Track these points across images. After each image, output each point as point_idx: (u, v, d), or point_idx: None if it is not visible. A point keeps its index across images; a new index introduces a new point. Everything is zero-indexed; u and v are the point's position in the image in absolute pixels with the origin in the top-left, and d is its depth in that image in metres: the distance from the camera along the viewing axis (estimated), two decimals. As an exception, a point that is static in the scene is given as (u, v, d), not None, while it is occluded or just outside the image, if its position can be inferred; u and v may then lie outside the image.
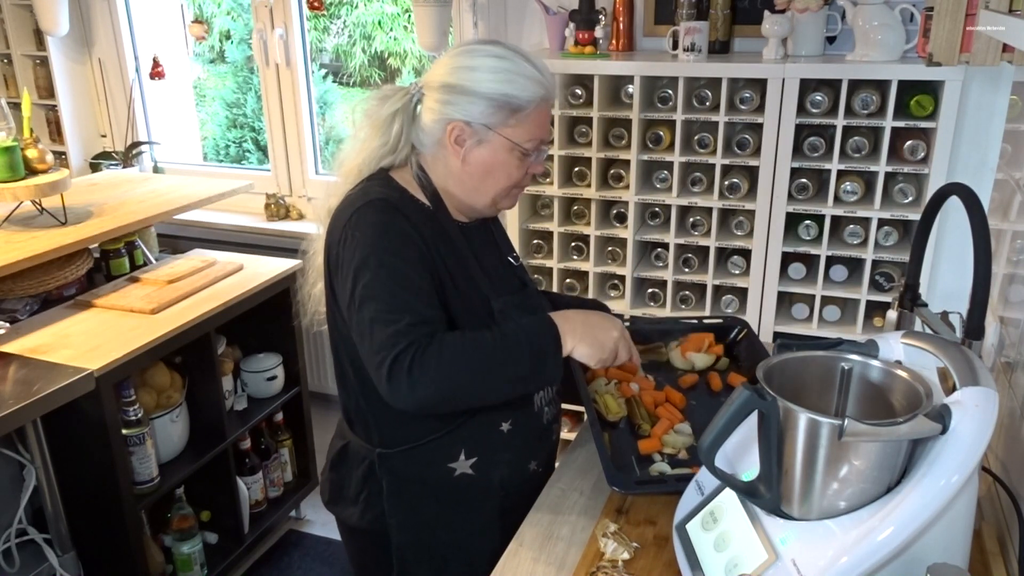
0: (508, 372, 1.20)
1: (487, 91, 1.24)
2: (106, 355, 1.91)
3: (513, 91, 1.24)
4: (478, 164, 1.29)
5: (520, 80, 1.24)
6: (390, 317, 1.17)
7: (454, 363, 1.17)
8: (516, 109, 1.25)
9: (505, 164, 1.29)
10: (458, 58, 1.27)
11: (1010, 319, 1.36)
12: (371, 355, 1.18)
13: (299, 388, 2.66)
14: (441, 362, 1.16)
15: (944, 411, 0.88)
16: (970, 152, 2.25)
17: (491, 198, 1.33)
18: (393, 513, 1.37)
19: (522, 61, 1.26)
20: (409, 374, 1.14)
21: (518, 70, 1.25)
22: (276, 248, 3.07)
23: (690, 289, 2.47)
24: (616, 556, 1.14)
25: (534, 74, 1.26)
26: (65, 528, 2.02)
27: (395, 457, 1.35)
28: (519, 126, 1.27)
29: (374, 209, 1.25)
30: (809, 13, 2.25)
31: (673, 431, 1.39)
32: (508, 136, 1.27)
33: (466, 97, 1.25)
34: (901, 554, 0.88)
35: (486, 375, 1.19)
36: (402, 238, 1.24)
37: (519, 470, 1.40)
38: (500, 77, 1.24)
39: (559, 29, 2.56)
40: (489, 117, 1.25)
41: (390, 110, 1.31)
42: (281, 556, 2.63)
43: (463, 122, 1.26)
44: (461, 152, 1.28)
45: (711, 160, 2.31)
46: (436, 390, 1.16)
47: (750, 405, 0.93)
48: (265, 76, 3.26)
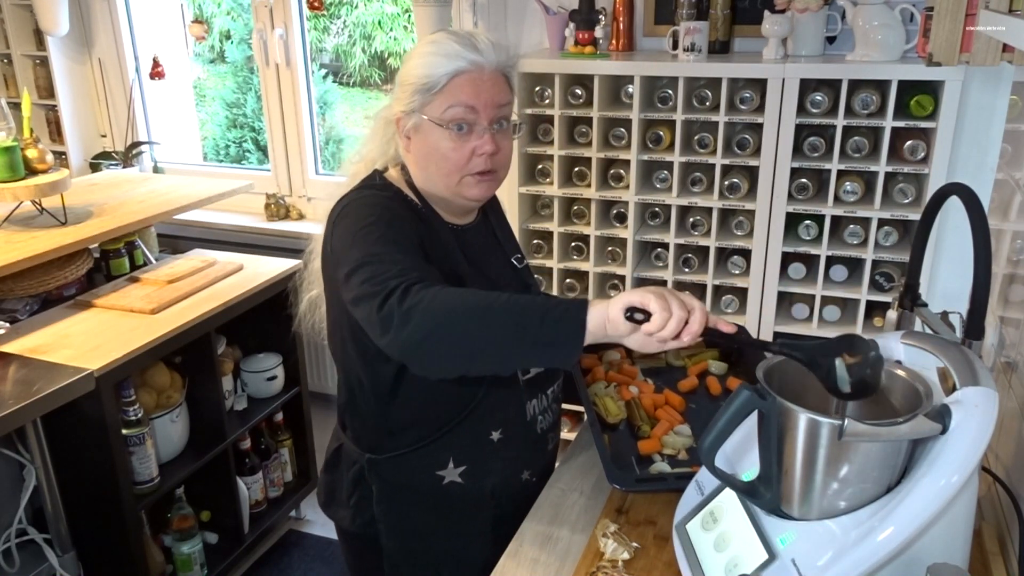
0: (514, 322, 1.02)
1: (407, 76, 1.26)
2: (106, 355, 1.91)
3: (428, 71, 1.24)
4: (418, 151, 1.29)
5: (436, 59, 1.24)
6: (382, 267, 1.11)
7: (451, 301, 1.05)
8: (431, 87, 1.24)
9: (438, 146, 1.25)
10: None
11: (1010, 319, 1.36)
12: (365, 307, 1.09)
13: (299, 388, 2.66)
14: (437, 297, 1.04)
15: (944, 411, 0.88)
16: (970, 152, 2.25)
17: (443, 186, 1.28)
18: (383, 518, 1.36)
19: (446, 41, 1.24)
20: (400, 303, 1.04)
21: (437, 51, 1.24)
22: (276, 248, 3.08)
23: (690, 289, 2.47)
24: (616, 556, 1.14)
25: (453, 50, 1.23)
26: (65, 528, 2.02)
27: (384, 463, 1.34)
28: (434, 101, 1.24)
29: (369, 191, 1.28)
30: (809, 13, 2.25)
31: (673, 432, 1.39)
32: (428, 115, 1.25)
33: (400, 88, 1.28)
34: (901, 554, 0.88)
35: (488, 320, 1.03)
36: (396, 215, 1.24)
37: (511, 479, 1.38)
38: (418, 61, 1.25)
39: (559, 29, 2.56)
40: (414, 102, 1.26)
41: (384, 115, 1.35)
42: (281, 556, 2.63)
43: (401, 113, 1.28)
44: (408, 143, 1.30)
45: (711, 160, 2.31)
46: (426, 325, 1.03)
47: (750, 405, 0.93)
48: (265, 76, 3.26)
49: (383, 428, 1.33)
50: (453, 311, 1.04)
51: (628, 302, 0.98)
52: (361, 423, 1.35)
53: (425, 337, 1.03)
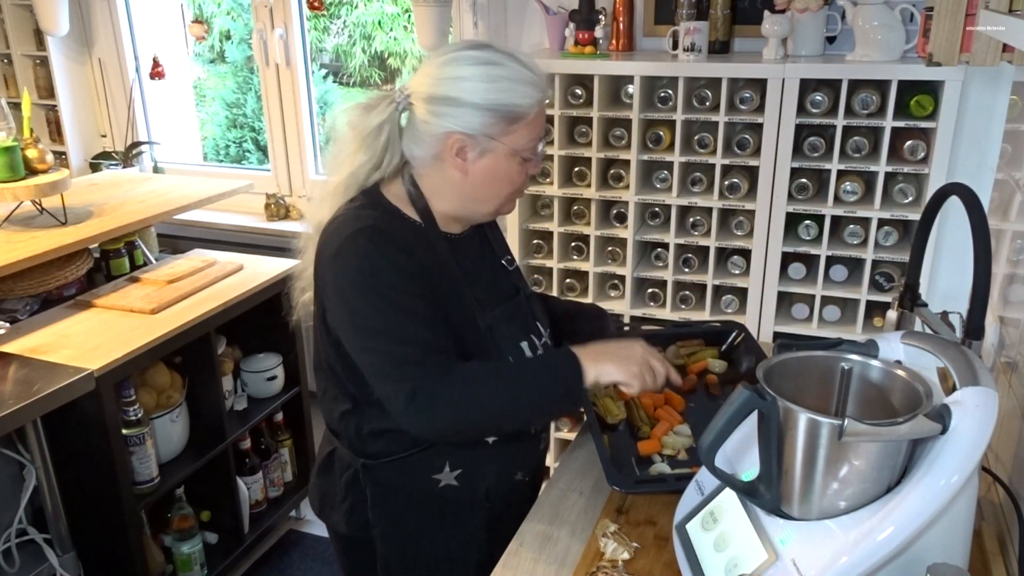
0: (529, 400, 1.21)
1: (486, 102, 1.19)
2: (106, 355, 1.91)
3: (513, 99, 1.20)
4: (481, 175, 1.25)
5: (518, 87, 1.21)
6: (401, 350, 1.17)
7: (474, 392, 1.18)
8: (518, 117, 1.22)
9: (508, 171, 1.26)
10: (447, 67, 1.22)
11: (1010, 319, 1.36)
12: (386, 388, 1.18)
13: (299, 388, 2.66)
14: (462, 392, 1.17)
15: (944, 411, 0.88)
16: (970, 152, 2.25)
17: (495, 206, 1.31)
18: (377, 522, 1.36)
19: (515, 64, 1.21)
20: (431, 404, 1.15)
21: (513, 76, 1.20)
22: (276, 248, 3.07)
23: (690, 289, 2.47)
24: (616, 556, 1.14)
25: (529, 77, 1.22)
26: (65, 528, 2.02)
27: (379, 468, 1.34)
28: (519, 132, 1.23)
29: (365, 238, 1.21)
30: (809, 13, 2.25)
31: (673, 432, 1.39)
32: (510, 144, 1.23)
33: (463, 109, 1.20)
34: (901, 554, 0.88)
35: (506, 404, 1.20)
36: (398, 268, 1.21)
37: (505, 480, 1.38)
38: (498, 86, 1.19)
39: (559, 29, 2.56)
40: (491, 127, 1.21)
41: (375, 122, 1.25)
42: (281, 556, 2.63)
43: (464, 134, 1.21)
44: (464, 165, 1.24)
45: (711, 160, 2.31)
46: (456, 420, 1.18)
47: (750, 405, 0.93)
48: (265, 76, 3.26)
49: (380, 436, 1.32)
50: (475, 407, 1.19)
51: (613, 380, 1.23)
52: (356, 431, 1.34)
53: (452, 433, 1.22)
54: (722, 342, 1.67)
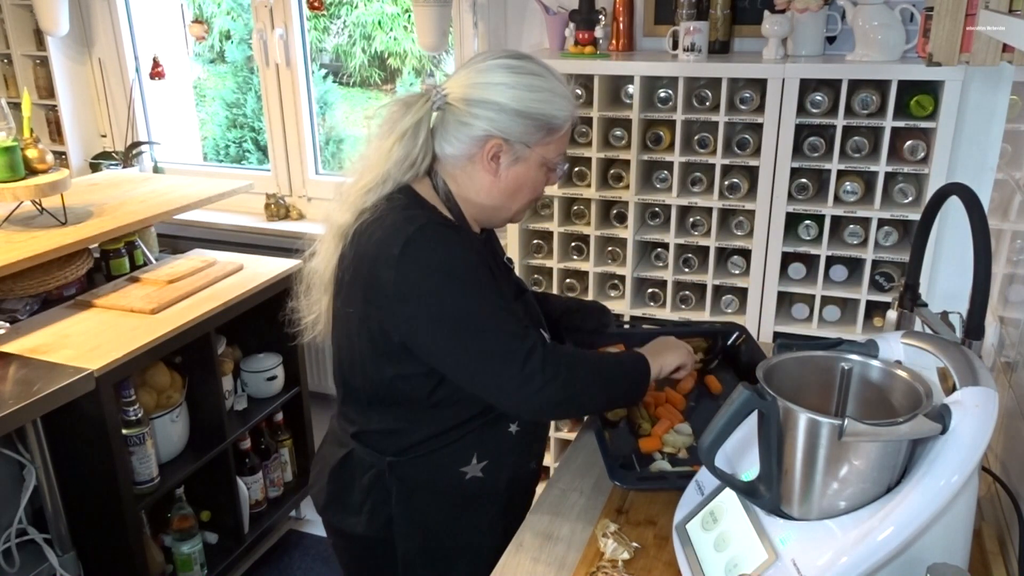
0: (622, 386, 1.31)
1: (528, 110, 1.23)
2: (106, 355, 1.91)
3: (553, 111, 1.25)
4: (511, 180, 1.28)
5: (557, 100, 1.25)
6: (505, 327, 1.20)
7: (579, 366, 1.24)
8: (554, 128, 1.26)
9: (534, 180, 1.31)
10: (489, 72, 1.24)
11: (1010, 319, 1.36)
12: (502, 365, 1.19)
13: (299, 388, 2.66)
14: (571, 363, 1.23)
15: (944, 411, 0.88)
16: (970, 152, 2.25)
17: (512, 213, 1.34)
18: (400, 519, 1.36)
19: (552, 78, 1.27)
20: (543, 370, 1.18)
21: (554, 89, 1.26)
22: (276, 248, 3.07)
23: (690, 289, 2.47)
24: (616, 556, 1.14)
25: (565, 92, 1.27)
26: (65, 528, 2.02)
27: (406, 464, 1.33)
28: (553, 144, 1.28)
29: (434, 233, 1.21)
30: (809, 13, 2.25)
31: (673, 431, 1.39)
32: (543, 154, 1.28)
33: (504, 114, 1.23)
34: (901, 554, 0.88)
35: (604, 384, 1.28)
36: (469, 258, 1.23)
37: (523, 470, 1.42)
38: (540, 96, 1.24)
39: (559, 29, 2.56)
40: (530, 136, 1.25)
41: (414, 119, 1.25)
42: (281, 556, 2.63)
43: (502, 140, 1.24)
44: (497, 169, 1.26)
45: (711, 160, 2.31)
46: (565, 389, 1.21)
47: (750, 405, 0.93)
48: (265, 76, 3.26)
49: (410, 433, 1.32)
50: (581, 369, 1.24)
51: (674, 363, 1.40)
52: (387, 432, 1.33)
53: (566, 398, 1.23)
54: (723, 343, 1.67)
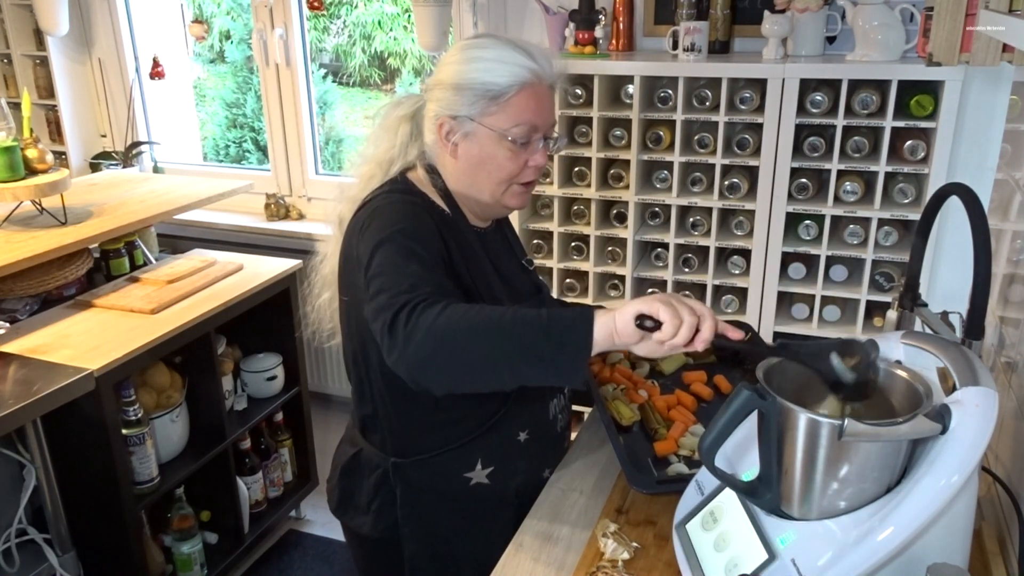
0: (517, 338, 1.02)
1: (465, 81, 1.23)
2: (106, 355, 1.91)
3: (490, 78, 1.22)
4: (468, 158, 1.27)
5: (494, 65, 1.22)
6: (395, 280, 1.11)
7: (455, 319, 1.04)
8: (495, 96, 1.23)
9: (494, 155, 1.26)
10: (449, 54, 1.29)
11: (1010, 319, 1.36)
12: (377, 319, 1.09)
13: (299, 388, 2.66)
14: (441, 316, 1.04)
15: (944, 411, 0.87)
16: (970, 152, 2.25)
17: (488, 193, 1.29)
18: (406, 523, 1.35)
19: (505, 48, 1.24)
20: (406, 324, 1.04)
21: (497, 57, 1.23)
22: (276, 248, 3.08)
23: (690, 289, 2.47)
24: (616, 556, 1.14)
25: (517, 59, 1.23)
26: (65, 528, 2.02)
27: (410, 467, 1.33)
28: (500, 112, 1.23)
29: (394, 202, 1.25)
30: (809, 13, 2.25)
31: (688, 433, 1.39)
32: (490, 125, 1.24)
33: (449, 91, 1.24)
34: (901, 554, 0.88)
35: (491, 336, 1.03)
36: (422, 224, 1.22)
37: (534, 478, 1.39)
38: (478, 66, 1.23)
39: (559, 29, 2.56)
40: (470, 107, 1.24)
41: (399, 114, 1.32)
42: (281, 556, 2.63)
43: (448, 116, 1.25)
44: (450, 147, 1.27)
45: (711, 160, 2.31)
46: (431, 343, 1.03)
47: (750, 405, 0.93)
48: (265, 76, 3.26)
49: (414, 434, 1.32)
50: (455, 329, 1.03)
51: (637, 310, 0.98)
52: (389, 429, 1.34)
53: (429, 356, 1.03)
54: None
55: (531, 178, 1.30)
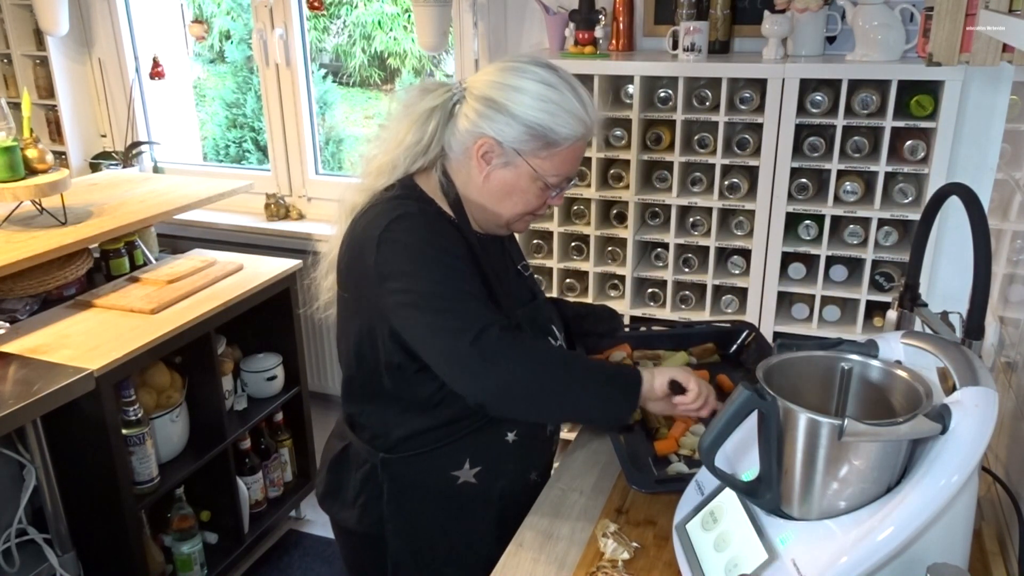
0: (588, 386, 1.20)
1: (527, 118, 1.21)
2: (106, 355, 1.91)
3: (553, 124, 1.21)
4: (499, 184, 1.26)
5: (563, 115, 1.21)
6: (464, 305, 1.17)
7: (534, 351, 1.19)
8: (551, 143, 1.23)
9: (525, 191, 1.27)
10: (507, 73, 1.23)
11: (1010, 319, 1.36)
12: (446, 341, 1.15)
13: (299, 388, 2.66)
14: (524, 347, 1.17)
15: (944, 411, 0.87)
16: (970, 152, 2.25)
17: (504, 220, 1.31)
18: (391, 518, 1.36)
19: (570, 94, 1.22)
20: (495, 347, 1.13)
21: (563, 103, 1.21)
22: (276, 248, 3.08)
23: (690, 289, 2.47)
24: (616, 556, 1.14)
25: (579, 110, 1.22)
26: (65, 528, 2.02)
27: (398, 462, 1.34)
28: (549, 159, 1.24)
29: (406, 222, 1.23)
30: (809, 13, 2.25)
31: (689, 432, 1.39)
32: (535, 166, 1.24)
33: (504, 117, 1.21)
34: (901, 554, 0.88)
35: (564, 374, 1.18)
36: (444, 243, 1.23)
37: (520, 480, 1.40)
38: (544, 107, 1.21)
39: (559, 29, 2.56)
40: (522, 144, 1.23)
41: (429, 105, 1.26)
42: (281, 556, 2.63)
43: (494, 140, 1.23)
44: (485, 169, 1.25)
45: (711, 160, 2.31)
46: (515, 371, 1.14)
47: (750, 405, 0.93)
48: (265, 76, 3.26)
49: (404, 431, 1.32)
50: (536, 362, 1.17)
51: (673, 376, 1.24)
52: (380, 425, 1.34)
53: (510, 384, 1.15)
54: (732, 342, 1.66)
55: (544, 212, 1.35)
